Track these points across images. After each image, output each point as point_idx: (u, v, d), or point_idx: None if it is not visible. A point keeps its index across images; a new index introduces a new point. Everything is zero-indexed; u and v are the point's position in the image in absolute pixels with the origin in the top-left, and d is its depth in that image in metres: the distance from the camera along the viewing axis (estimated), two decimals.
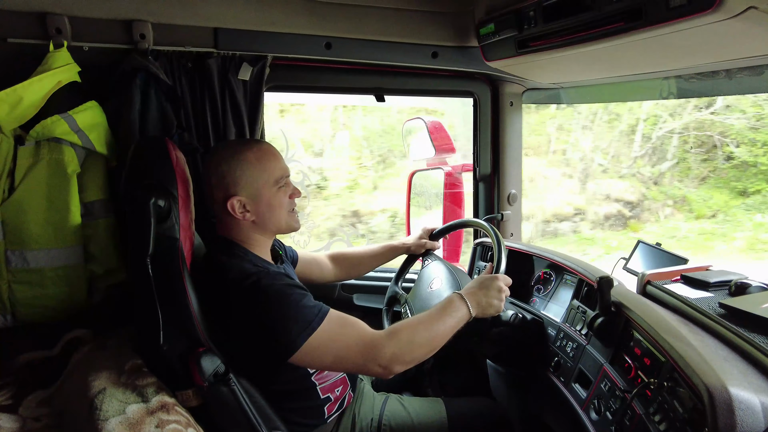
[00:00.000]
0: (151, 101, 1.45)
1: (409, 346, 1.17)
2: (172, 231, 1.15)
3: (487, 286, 1.29)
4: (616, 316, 1.24)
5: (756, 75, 1.31)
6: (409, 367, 1.20)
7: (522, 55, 1.48)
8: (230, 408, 1.15)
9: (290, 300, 1.13)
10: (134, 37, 1.42)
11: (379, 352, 1.14)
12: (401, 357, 1.16)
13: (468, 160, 2.15)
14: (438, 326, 1.21)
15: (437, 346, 1.22)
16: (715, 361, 0.93)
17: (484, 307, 1.28)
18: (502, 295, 1.29)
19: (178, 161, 1.22)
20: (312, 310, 1.14)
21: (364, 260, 1.72)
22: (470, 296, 1.27)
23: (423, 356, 1.20)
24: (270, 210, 1.27)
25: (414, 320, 1.23)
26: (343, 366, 1.18)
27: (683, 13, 0.99)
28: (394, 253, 1.73)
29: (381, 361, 1.14)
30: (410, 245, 1.71)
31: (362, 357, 1.15)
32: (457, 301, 1.26)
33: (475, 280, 1.32)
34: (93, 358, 1.18)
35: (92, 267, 1.40)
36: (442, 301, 1.28)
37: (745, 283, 1.25)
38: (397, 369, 1.17)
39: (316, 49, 1.62)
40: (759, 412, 0.83)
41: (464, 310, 1.25)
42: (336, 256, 1.71)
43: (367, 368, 1.16)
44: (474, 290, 1.29)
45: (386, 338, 1.16)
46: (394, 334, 1.18)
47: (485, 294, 1.28)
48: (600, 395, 1.22)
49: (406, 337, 1.18)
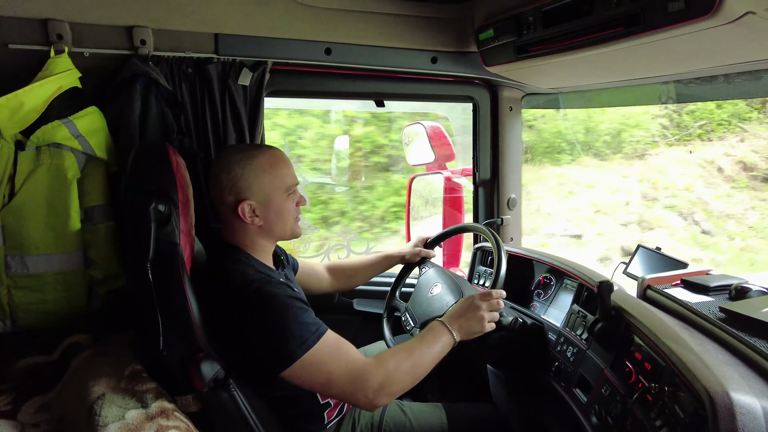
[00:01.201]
0: (152, 107, 1.46)
1: (396, 377, 1.17)
2: (172, 236, 1.15)
3: (469, 313, 1.28)
4: (617, 321, 1.23)
5: (755, 80, 1.31)
6: (393, 399, 1.20)
7: (521, 60, 1.49)
8: (230, 413, 1.15)
9: (290, 313, 1.13)
10: (135, 43, 1.43)
11: (367, 381, 1.14)
12: (388, 388, 1.16)
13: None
14: (424, 355, 1.21)
15: (422, 375, 1.22)
16: (716, 366, 0.92)
17: (466, 333, 1.27)
18: (484, 323, 1.28)
19: (178, 166, 1.23)
20: (310, 328, 1.13)
21: (360, 270, 1.72)
22: (453, 322, 1.27)
23: (408, 386, 1.20)
24: (279, 216, 1.28)
25: (400, 349, 1.22)
26: (331, 390, 1.16)
27: (681, 18, 0.99)
28: (390, 262, 1.73)
29: (368, 392, 1.14)
30: (405, 254, 1.71)
31: (351, 384, 1.14)
32: (440, 328, 1.26)
33: (458, 303, 1.32)
34: (92, 364, 1.18)
35: (92, 272, 1.40)
36: (425, 330, 1.28)
37: (746, 287, 1.25)
38: (382, 402, 1.17)
39: (316, 54, 1.63)
40: (761, 417, 0.82)
41: (448, 337, 1.25)
42: (332, 267, 1.72)
43: (354, 397, 1.15)
44: (456, 316, 1.28)
45: (375, 368, 1.16)
46: (382, 363, 1.17)
47: (466, 320, 1.27)
48: (601, 400, 1.21)
49: (393, 366, 1.17)
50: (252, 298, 1.13)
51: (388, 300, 1.66)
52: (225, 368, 1.14)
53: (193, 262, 1.26)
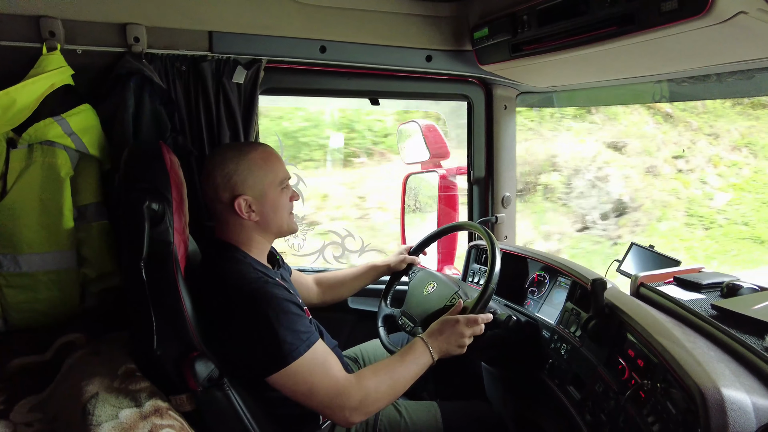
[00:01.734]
0: (145, 104, 1.45)
1: (375, 397, 1.19)
2: (166, 235, 1.14)
3: (448, 332, 1.29)
4: (610, 318, 1.24)
5: (746, 79, 1.32)
6: (367, 417, 1.22)
7: (515, 59, 1.49)
8: (224, 413, 1.15)
9: (285, 318, 1.14)
10: (128, 41, 1.42)
11: (346, 400, 1.16)
12: (365, 408, 1.18)
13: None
14: (402, 375, 1.23)
15: (400, 394, 1.24)
16: (708, 363, 0.93)
17: (444, 352, 1.29)
18: (463, 340, 1.29)
19: (172, 165, 1.22)
20: (302, 336, 1.14)
21: (347, 282, 1.73)
22: (432, 341, 1.28)
23: (384, 405, 1.23)
24: (274, 210, 1.28)
25: (379, 368, 1.24)
26: (311, 402, 1.17)
27: (674, 17, 1.00)
28: (376, 272, 1.73)
29: (345, 411, 1.16)
30: (391, 263, 1.72)
31: (330, 400, 1.16)
32: (421, 346, 1.28)
33: (438, 321, 1.33)
34: (86, 363, 1.17)
35: (86, 271, 1.39)
36: (406, 347, 1.29)
37: (737, 284, 1.26)
38: (357, 420, 1.19)
39: (310, 52, 1.62)
40: (751, 413, 0.83)
41: (427, 356, 1.27)
42: (320, 279, 1.72)
43: (331, 412, 1.17)
44: (436, 335, 1.30)
45: (356, 387, 1.18)
46: (362, 382, 1.19)
47: (445, 340, 1.29)
48: (594, 397, 1.22)
49: (373, 387, 1.19)
50: (249, 296, 1.13)
51: (380, 310, 1.65)
52: (219, 367, 1.14)
53: (187, 261, 1.26)
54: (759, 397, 0.86)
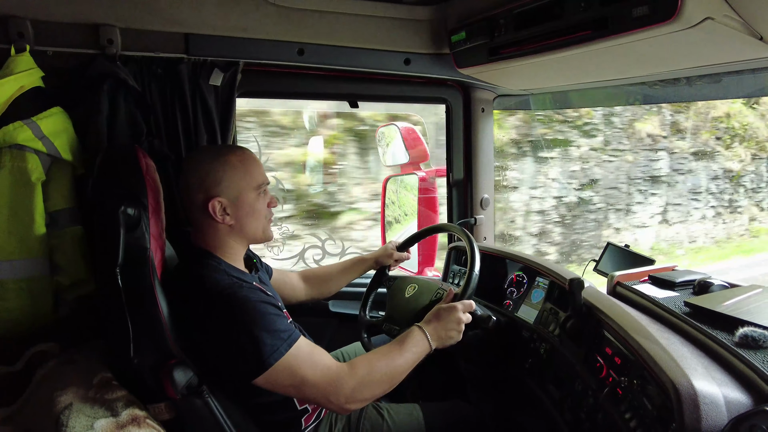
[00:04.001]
0: (120, 107, 1.42)
1: (370, 383, 1.17)
2: (142, 240, 1.12)
3: (446, 319, 1.29)
4: (588, 317, 1.26)
5: (714, 83, 1.37)
6: (366, 404, 1.21)
7: (493, 62, 1.51)
8: (204, 421, 1.13)
9: (263, 320, 1.12)
10: (101, 42, 1.39)
11: (340, 387, 1.14)
12: (360, 394, 1.16)
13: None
14: (399, 362, 1.22)
15: (397, 381, 1.22)
16: (681, 359, 0.96)
17: (443, 340, 1.29)
18: (461, 326, 1.30)
19: (148, 169, 1.20)
20: (282, 335, 1.12)
21: (334, 276, 1.71)
22: (430, 329, 1.28)
23: (381, 393, 1.21)
24: (250, 215, 1.26)
25: (375, 355, 1.23)
26: (304, 395, 1.16)
27: (645, 22, 1.02)
28: (363, 265, 1.72)
29: (340, 398, 1.14)
30: (378, 257, 1.71)
31: (323, 390, 1.14)
32: (418, 334, 1.27)
33: (433, 311, 1.33)
34: (59, 373, 1.14)
35: (59, 278, 1.35)
36: (403, 334, 1.28)
37: (708, 282, 1.30)
38: (353, 407, 1.18)
39: (288, 55, 1.61)
40: (722, 406, 0.86)
41: (425, 343, 1.26)
42: (306, 275, 1.70)
43: (327, 401, 1.15)
44: (434, 323, 1.29)
45: (349, 373, 1.16)
46: (356, 369, 1.17)
47: (444, 326, 1.29)
48: (573, 395, 1.24)
49: (367, 372, 1.17)
50: (223, 303, 1.11)
51: (361, 322, 1.63)
52: (198, 375, 1.12)
53: (165, 267, 1.24)
54: (730, 390, 0.89)
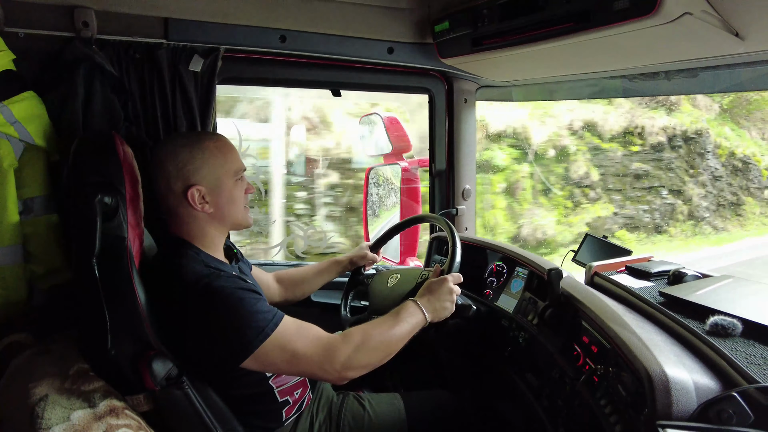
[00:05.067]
0: (96, 92, 1.38)
1: (365, 350, 1.17)
2: (119, 230, 1.10)
3: (438, 290, 1.30)
4: (566, 307, 1.29)
5: (691, 77, 1.39)
6: (363, 372, 1.19)
7: (476, 53, 1.51)
8: (184, 412, 1.12)
9: (244, 304, 1.10)
10: (76, 25, 1.34)
11: (334, 355, 1.13)
12: (356, 361, 1.15)
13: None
14: (394, 331, 1.21)
15: (393, 352, 1.22)
16: (655, 346, 0.98)
17: (438, 311, 1.29)
18: (453, 296, 1.31)
19: (125, 156, 1.17)
20: (266, 315, 1.11)
21: (308, 278, 1.70)
22: (424, 301, 1.28)
23: (378, 361, 1.20)
24: (229, 202, 1.24)
25: (370, 325, 1.23)
26: (298, 369, 1.15)
27: (626, 16, 1.04)
28: (338, 267, 1.71)
29: (335, 365, 1.13)
30: (353, 257, 1.71)
31: (317, 360, 1.13)
32: (413, 306, 1.27)
33: (425, 285, 1.34)
34: (34, 364, 1.11)
35: (33, 267, 1.32)
36: (397, 307, 1.28)
37: (682, 272, 1.33)
38: (351, 374, 1.17)
39: (270, 41, 1.59)
40: (692, 391, 0.89)
41: (420, 315, 1.26)
42: (281, 276, 1.69)
43: (323, 371, 1.14)
44: (427, 295, 1.30)
45: (342, 341, 1.15)
46: (350, 337, 1.17)
47: (438, 298, 1.29)
48: (551, 383, 1.27)
49: (361, 340, 1.17)
50: (202, 294, 1.10)
51: (344, 320, 1.62)
52: (178, 366, 1.11)
53: (143, 257, 1.22)
54: (700, 376, 0.92)
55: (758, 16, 0.99)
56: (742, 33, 1.04)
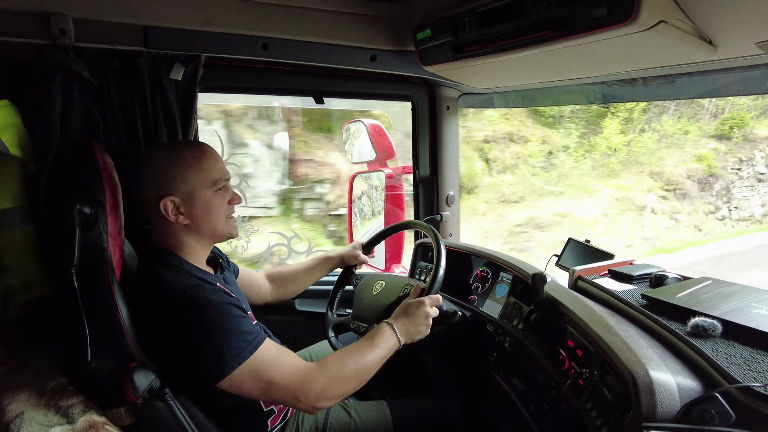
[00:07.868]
0: (74, 101, 1.36)
1: (340, 381, 1.16)
2: (99, 240, 1.08)
3: (415, 314, 1.30)
4: (550, 311, 1.30)
5: (668, 83, 1.42)
6: (336, 402, 1.19)
7: (457, 60, 1.52)
8: (167, 425, 1.10)
9: (226, 322, 1.09)
10: (52, 32, 1.32)
11: (309, 386, 1.12)
12: (330, 392, 1.15)
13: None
14: (368, 358, 1.21)
15: (366, 379, 1.21)
16: (638, 349, 0.99)
17: (412, 335, 1.30)
18: (429, 320, 1.31)
19: (105, 165, 1.15)
20: (247, 338, 1.10)
21: (300, 275, 1.69)
22: (399, 325, 1.28)
23: (351, 390, 1.20)
24: (206, 213, 1.22)
25: (345, 351, 1.22)
26: (272, 397, 1.14)
27: (604, 23, 1.06)
28: (329, 263, 1.71)
29: (310, 397, 1.12)
30: (344, 255, 1.71)
31: (293, 390, 1.12)
32: (387, 330, 1.27)
33: (402, 306, 1.33)
34: (9, 380, 1.08)
35: (8, 280, 1.28)
36: (371, 332, 1.28)
37: (664, 275, 1.35)
38: (324, 405, 1.16)
39: (252, 49, 1.58)
40: (675, 393, 0.90)
41: (394, 340, 1.26)
42: (272, 275, 1.67)
43: (296, 401, 1.13)
44: (402, 319, 1.30)
45: (318, 372, 1.14)
46: (326, 367, 1.16)
47: (413, 322, 1.29)
48: (537, 388, 1.27)
49: (336, 370, 1.16)
50: (185, 305, 1.08)
51: (328, 320, 1.62)
52: (160, 377, 1.09)
53: (124, 267, 1.20)
54: (682, 378, 0.93)
55: (729, 24, 1.01)
56: (715, 41, 1.06)
